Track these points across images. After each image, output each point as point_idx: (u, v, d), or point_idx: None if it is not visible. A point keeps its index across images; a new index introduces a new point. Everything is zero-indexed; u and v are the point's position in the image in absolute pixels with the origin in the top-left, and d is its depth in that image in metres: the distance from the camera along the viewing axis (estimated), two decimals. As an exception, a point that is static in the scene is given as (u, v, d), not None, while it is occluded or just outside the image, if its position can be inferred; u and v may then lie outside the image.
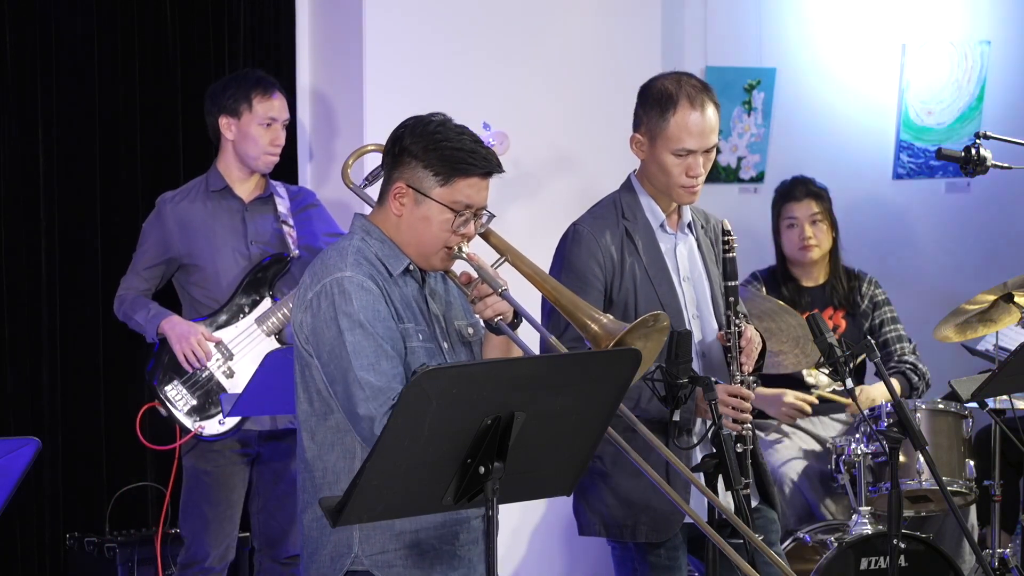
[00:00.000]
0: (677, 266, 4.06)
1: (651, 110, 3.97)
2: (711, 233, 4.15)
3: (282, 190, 5.09)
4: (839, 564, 4.78)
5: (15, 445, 3.29)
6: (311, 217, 5.12)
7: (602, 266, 3.99)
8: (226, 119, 4.97)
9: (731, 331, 3.93)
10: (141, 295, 4.99)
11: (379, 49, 5.48)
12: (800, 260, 5.57)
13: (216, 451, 4.95)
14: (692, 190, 3.99)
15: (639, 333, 3.48)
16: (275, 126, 4.97)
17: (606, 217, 4.07)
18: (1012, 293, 5.16)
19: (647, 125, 3.98)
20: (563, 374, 3.00)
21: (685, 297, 4.03)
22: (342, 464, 3.31)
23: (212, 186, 5.02)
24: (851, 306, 5.57)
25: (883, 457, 4.93)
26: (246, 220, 5.00)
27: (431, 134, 3.33)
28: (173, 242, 4.98)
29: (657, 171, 3.99)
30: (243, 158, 4.98)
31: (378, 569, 3.30)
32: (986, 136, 4.69)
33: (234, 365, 4.93)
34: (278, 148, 5.00)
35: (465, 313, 3.49)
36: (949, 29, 6.73)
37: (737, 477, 3.68)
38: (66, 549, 5.45)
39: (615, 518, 3.96)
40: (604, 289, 3.99)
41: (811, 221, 5.54)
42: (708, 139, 3.95)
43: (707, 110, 3.94)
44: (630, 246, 4.02)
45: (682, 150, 3.93)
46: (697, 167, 3.95)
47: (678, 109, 3.93)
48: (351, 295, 3.26)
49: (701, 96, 3.95)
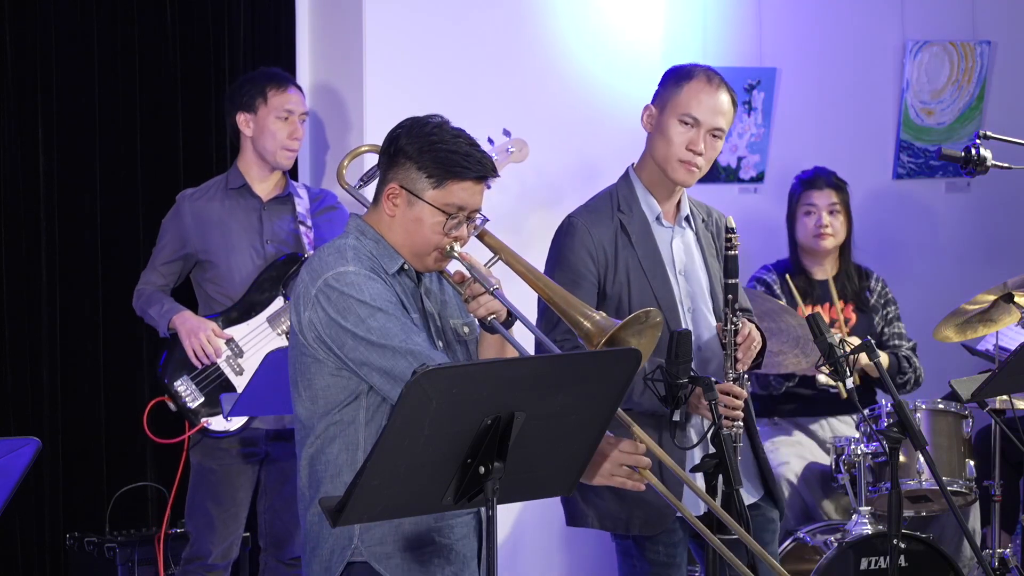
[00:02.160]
0: (673, 259, 4.06)
1: (668, 82, 4.07)
2: (712, 227, 4.15)
3: (302, 191, 5.12)
4: (839, 564, 4.78)
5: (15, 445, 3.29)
6: (331, 219, 5.13)
7: (595, 259, 4.01)
8: (244, 115, 5.00)
9: (727, 328, 3.93)
10: (159, 290, 5.01)
11: (380, 48, 5.48)
12: (813, 248, 5.57)
13: (223, 449, 4.96)
14: (690, 167, 4.00)
15: (632, 330, 3.48)
16: (292, 119, 4.99)
17: (601, 209, 4.09)
18: (1012, 293, 5.16)
19: (661, 97, 4.06)
20: (563, 374, 3.00)
21: (680, 291, 4.03)
22: (344, 456, 3.31)
23: (231, 184, 5.05)
24: (861, 301, 5.58)
25: (883, 457, 4.93)
26: (263, 219, 5.02)
27: (427, 136, 3.33)
28: (190, 238, 5.00)
29: (660, 143, 4.02)
30: (262, 153, 5.00)
31: (376, 560, 3.31)
32: (986, 136, 4.69)
33: (244, 362, 4.94)
34: (297, 142, 5.01)
35: (460, 312, 3.49)
36: (949, 29, 6.72)
37: (737, 477, 3.68)
38: (66, 549, 5.45)
39: (609, 511, 4.01)
40: (597, 282, 4.01)
41: (830, 211, 5.56)
42: (716, 118, 4.00)
43: (721, 92, 4.02)
44: (624, 239, 4.03)
45: (689, 116, 3.98)
46: (699, 142, 3.98)
47: (693, 80, 4.02)
48: (361, 286, 3.26)
49: (719, 79, 4.05)
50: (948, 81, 6.73)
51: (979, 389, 4.73)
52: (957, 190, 6.82)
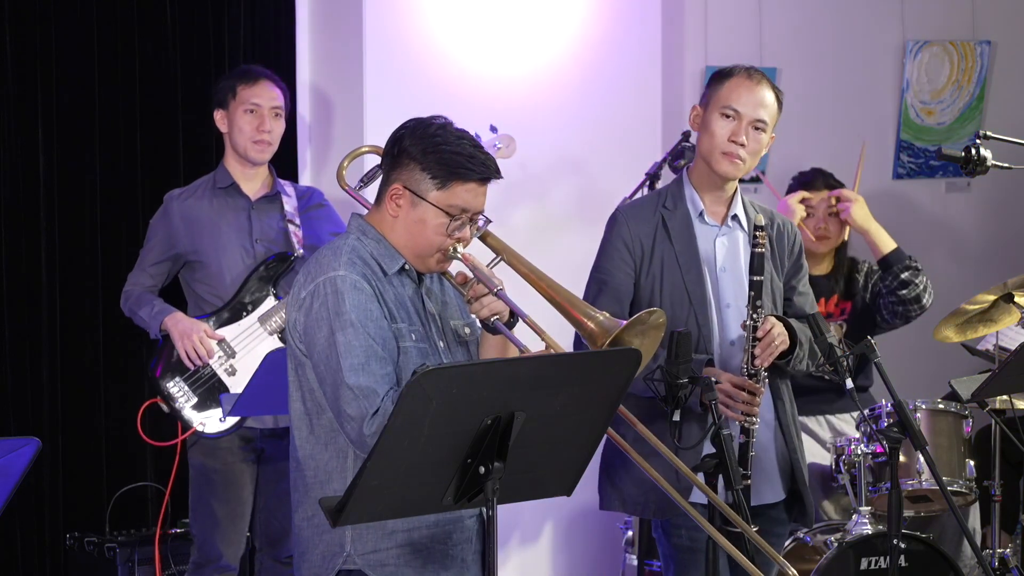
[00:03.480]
0: (715, 256, 4.10)
1: (712, 81, 4.17)
2: (771, 230, 4.19)
3: (290, 189, 5.11)
4: (839, 564, 4.78)
5: (15, 445, 3.29)
6: (319, 217, 5.13)
7: (631, 250, 4.10)
8: (219, 112, 5.03)
9: (747, 324, 3.96)
10: (147, 291, 5.00)
11: (379, 49, 5.48)
12: (812, 249, 5.56)
13: (223, 448, 4.95)
14: (732, 159, 4.08)
15: (636, 330, 3.49)
16: (260, 111, 4.98)
17: (646, 204, 4.21)
18: (1012, 293, 5.15)
19: (706, 96, 4.16)
20: (563, 374, 3.00)
21: (721, 287, 4.07)
22: (335, 463, 3.31)
23: (219, 183, 5.04)
24: (851, 289, 5.59)
25: (883, 457, 4.93)
26: (252, 218, 5.01)
27: (431, 137, 3.33)
28: (179, 238, 4.99)
29: (705, 138, 4.12)
30: (235, 148, 5.00)
31: (370, 568, 3.30)
32: (986, 136, 4.69)
33: (236, 363, 4.93)
34: (266, 135, 4.98)
35: (461, 313, 3.49)
36: (949, 29, 6.72)
37: (737, 477, 3.69)
38: (66, 549, 5.45)
39: (631, 495, 4.11)
40: (633, 272, 4.10)
41: (828, 212, 5.56)
42: (757, 110, 4.08)
43: (763, 86, 4.11)
44: (663, 233, 4.11)
45: (730, 109, 4.07)
46: (740, 133, 4.06)
47: (734, 76, 4.12)
48: (344, 294, 3.25)
49: (759, 75, 4.14)
50: (948, 81, 6.73)
51: (979, 389, 4.73)
52: (957, 190, 6.82)
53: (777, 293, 4.17)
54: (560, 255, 4.65)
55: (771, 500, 4.12)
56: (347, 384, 3.21)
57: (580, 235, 5.31)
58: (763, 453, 4.09)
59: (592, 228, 4.41)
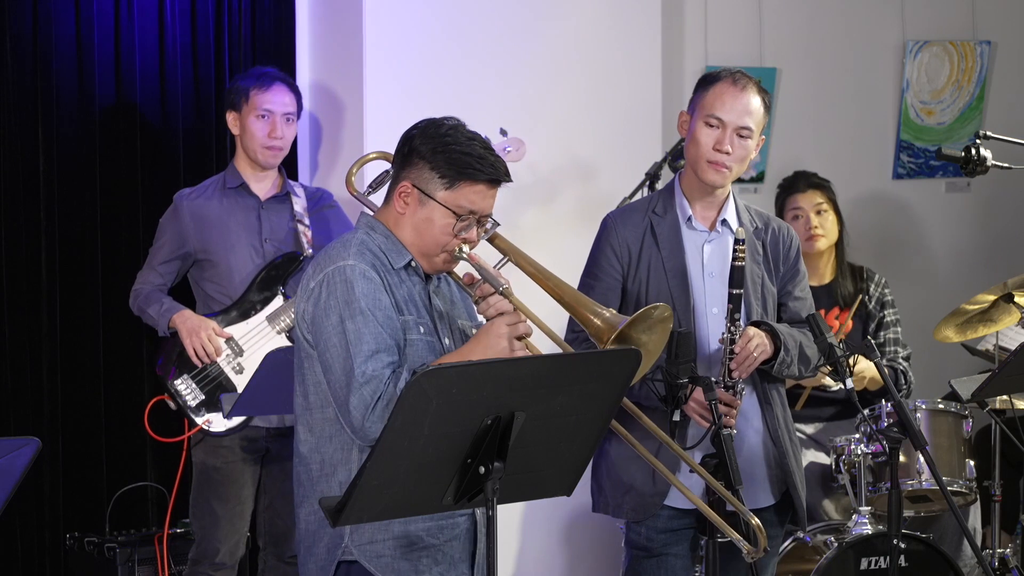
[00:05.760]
0: (703, 262, 4.09)
1: (698, 87, 4.14)
2: (766, 236, 4.17)
3: (299, 190, 5.14)
4: (839, 564, 4.78)
5: (15, 445, 3.29)
6: (327, 218, 5.15)
7: (617, 255, 4.10)
8: (231, 114, 5.07)
9: (724, 336, 3.95)
10: (156, 289, 5.02)
11: (380, 48, 5.48)
12: (806, 251, 5.53)
13: (226, 447, 4.96)
14: (718, 167, 4.05)
15: (642, 326, 3.49)
16: (272, 118, 5.01)
17: (636, 209, 4.21)
18: (1012, 293, 5.16)
19: (692, 102, 4.13)
20: (563, 374, 3.00)
21: (707, 293, 4.06)
22: (340, 455, 3.32)
23: (229, 183, 5.07)
24: (860, 306, 5.54)
25: (883, 457, 4.93)
26: (262, 218, 5.04)
27: (441, 136, 3.35)
28: (188, 237, 5.01)
29: (691, 146, 4.10)
30: (247, 151, 5.03)
31: (367, 560, 3.32)
32: (986, 136, 4.69)
33: (244, 361, 4.94)
34: (277, 140, 5.02)
35: (468, 314, 3.51)
36: (949, 29, 6.72)
37: (737, 477, 3.69)
38: (66, 549, 5.45)
39: (608, 496, 4.13)
40: (620, 276, 4.09)
41: (816, 211, 5.50)
42: (741, 117, 4.04)
43: (747, 92, 4.06)
44: (651, 239, 4.10)
45: (714, 118, 4.04)
46: (725, 142, 4.03)
47: (719, 83, 4.08)
48: (354, 283, 3.27)
49: (745, 80, 4.09)
50: (948, 81, 6.73)
51: (979, 389, 4.73)
52: (957, 190, 6.82)
53: (771, 298, 4.15)
54: (566, 256, 4.63)
55: (763, 504, 4.11)
56: (355, 371, 3.22)
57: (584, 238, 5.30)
58: (752, 458, 4.09)
59: (595, 229, 4.40)
